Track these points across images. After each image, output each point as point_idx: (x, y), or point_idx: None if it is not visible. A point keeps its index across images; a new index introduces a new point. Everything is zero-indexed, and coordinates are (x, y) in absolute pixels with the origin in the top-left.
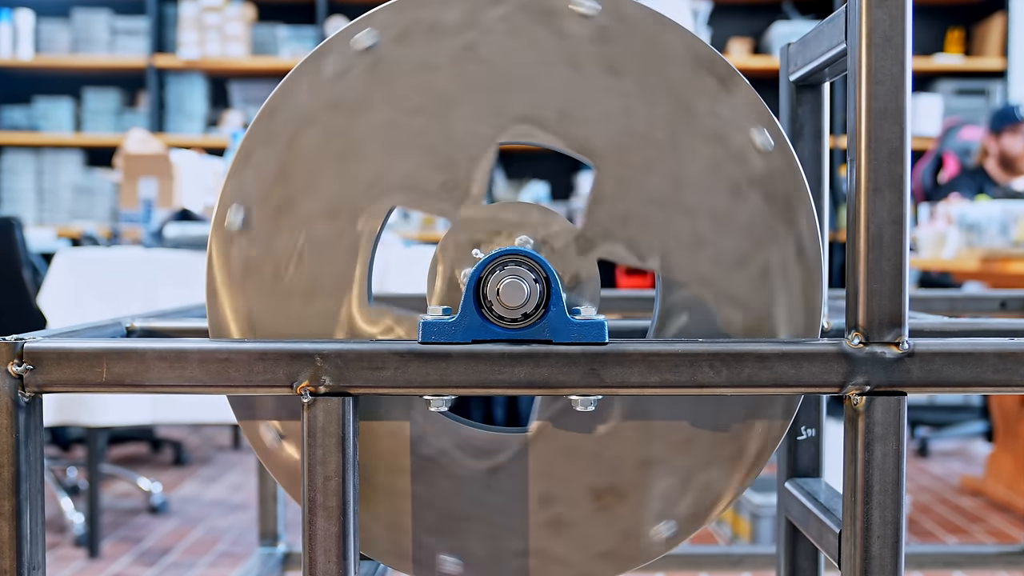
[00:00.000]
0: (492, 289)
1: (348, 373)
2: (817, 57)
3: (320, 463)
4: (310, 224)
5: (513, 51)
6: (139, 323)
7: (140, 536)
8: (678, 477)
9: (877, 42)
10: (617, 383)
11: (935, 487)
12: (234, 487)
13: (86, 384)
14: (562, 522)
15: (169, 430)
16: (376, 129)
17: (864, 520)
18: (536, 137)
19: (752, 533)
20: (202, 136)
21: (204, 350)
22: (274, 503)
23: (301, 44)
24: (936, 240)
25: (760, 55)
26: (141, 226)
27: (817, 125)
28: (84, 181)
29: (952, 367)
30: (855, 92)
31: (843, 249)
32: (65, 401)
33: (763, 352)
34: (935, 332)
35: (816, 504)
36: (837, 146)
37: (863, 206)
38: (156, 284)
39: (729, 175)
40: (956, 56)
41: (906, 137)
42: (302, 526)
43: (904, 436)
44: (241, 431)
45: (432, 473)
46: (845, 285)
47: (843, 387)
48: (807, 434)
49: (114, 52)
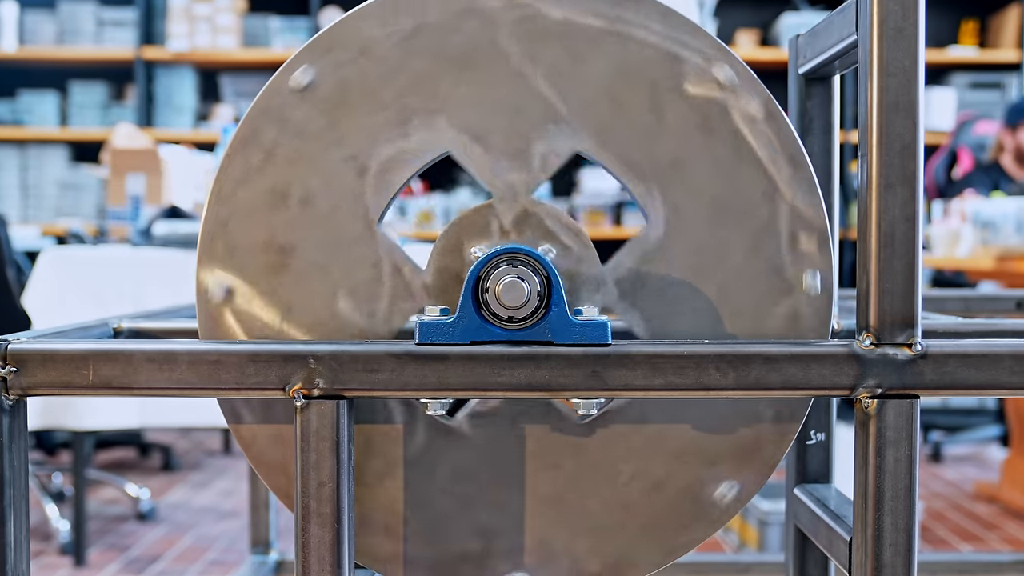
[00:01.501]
0: (491, 288)
1: (342, 375)
2: (827, 49)
3: (313, 468)
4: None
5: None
6: (127, 324)
7: (128, 544)
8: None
9: (889, 33)
10: (620, 386)
11: (949, 493)
12: (225, 493)
13: (72, 387)
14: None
15: (158, 434)
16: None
17: (875, 527)
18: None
19: (760, 540)
20: (192, 131)
21: (193, 352)
22: (266, 510)
23: (294, 35)
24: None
25: (768, 47)
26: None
27: (827, 119)
28: (70, 177)
29: (966, 369)
30: (866, 85)
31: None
32: (50, 404)
33: (771, 353)
34: (949, 333)
35: (826, 511)
36: (848, 141)
37: (875, 203)
38: (144, 284)
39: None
40: (971, 48)
41: (919, 132)
42: (295, 533)
43: (917, 440)
44: (232, 435)
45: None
46: (856, 284)
47: (854, 390)
48: (816, 438)
49: (101, 44)
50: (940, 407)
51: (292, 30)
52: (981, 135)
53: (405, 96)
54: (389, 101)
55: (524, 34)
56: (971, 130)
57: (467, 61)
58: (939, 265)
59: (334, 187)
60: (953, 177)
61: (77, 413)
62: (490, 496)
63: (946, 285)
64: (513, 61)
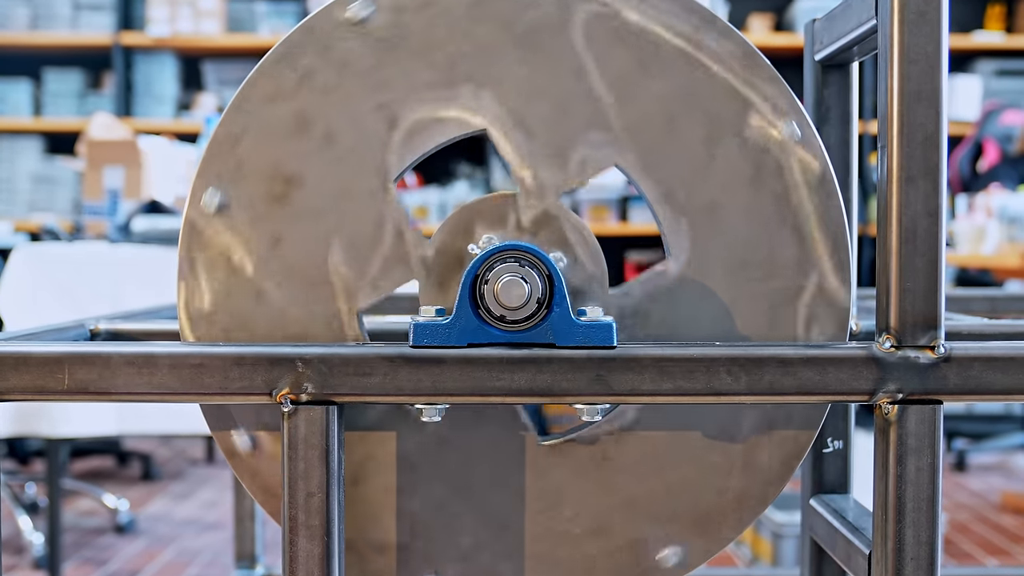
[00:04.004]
0: (490, 288)
1: (332, 379)
2: (845, 34)
3: (302, 478)
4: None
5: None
6: (104, 325)
7: (105, 558)
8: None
9: (910, 18)
10: (627, 391)
11: (974, 504)
12: (208, 504)
13: (46, 392)
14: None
15: (137, 442)
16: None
17: (896, 540)
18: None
19: (773, 554)
20: (173, 121)
21: (175, 354)
22: (251, 522)
23: (281, 20)
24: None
25: (782, 32)
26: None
27: (845, 109)
28: (44, 170)
29: (992, 373)
30: (886, 72)
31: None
32: (23, 410)
33: (786, 356)
34: (974, 335)
35: (844, 523)
36: (867, 132)
37: (895, 197)
38: (122, 283)
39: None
40: (997, 33)
41: (942, 122)
42: (282, 547)
43: (940, 448)
44: (215, 443)
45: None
46: (876, 284)
47: (873, 395)
48: (834, 446)
49: (77, 29)
50: (964, 413)
51: (279, 14)
52: (1008, 125)
53: (459, 60)
54: (441, 61)
55: (597, 31)
56: (997, 120)
57: (532, 42)
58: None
59: (360, 132)
60: (978, 170)
61: (52, 419)
62: (431, 494)
63: (971, 284)
64: (578, 55)
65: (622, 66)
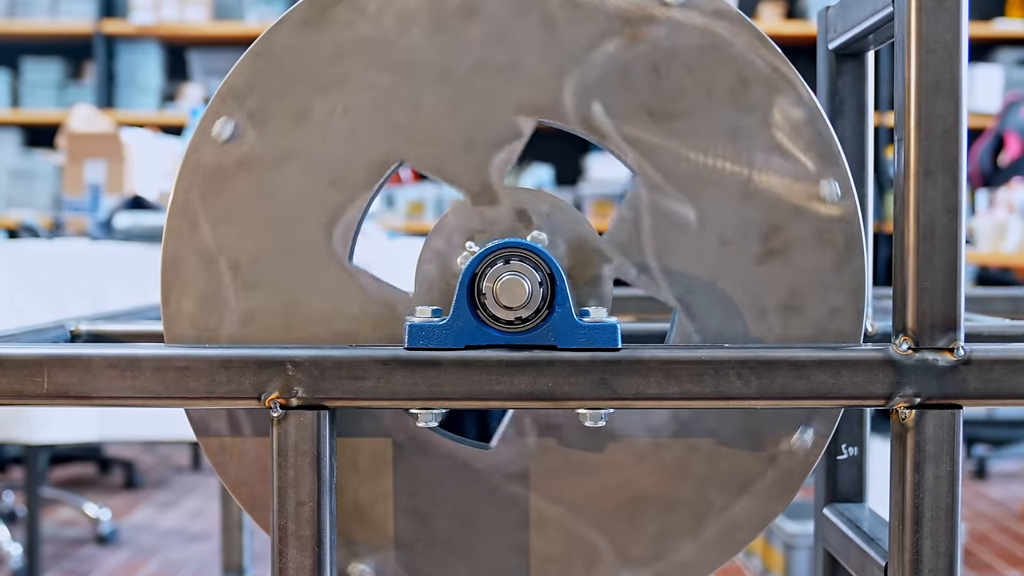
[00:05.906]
0: (488, 287)
1: (324, 383)
2: (860, 22)
3: (292, 486)
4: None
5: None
6: (85, 326)
7: (86, 570)
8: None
9: (929, 4)
10: (631, 395)
11: (994, 513)
12: (193, 514)
13: (24, 395)
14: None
15: (119, 448)
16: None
17: (913, 551)
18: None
19: (785, 566)
20: (157, 112)
21: (159, 357)
22: (239, 532)
23: (269, 8)
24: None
25: (794, 20)
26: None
27: (860, 100)
28: (22, 164)
29: (1014, 376)
30: (903, 62)
31: (889, 241)
32: (0, 415)
33: (798, 359)
34: (994, 336)
35: (859, 533)
36: (883, 124)
37: (913, 192)
38: (104, 281)
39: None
40: (1019, 21)
41: (961, 113)
42: (271, 558)
43: (959, 455)
44: (201, 450)
45: None
46: (892, 283)
47: (890, 399)
48: (848, 453)
49: (56, 17)
50: (985, 418)
51: (267, 2)
52: None
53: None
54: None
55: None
56: (1019, 112)
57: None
58: (984, 261)
59: (417, 79)
60: (999, 164)
61: (30, 425)
62: (376, 486)
63: (992, 283)
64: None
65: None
